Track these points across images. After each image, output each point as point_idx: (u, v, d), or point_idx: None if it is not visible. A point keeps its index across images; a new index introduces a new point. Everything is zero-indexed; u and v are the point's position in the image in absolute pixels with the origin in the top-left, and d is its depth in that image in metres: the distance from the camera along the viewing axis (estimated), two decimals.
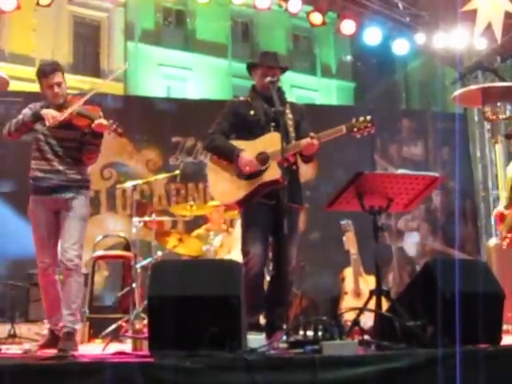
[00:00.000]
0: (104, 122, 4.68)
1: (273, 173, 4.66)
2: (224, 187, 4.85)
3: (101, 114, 4.79)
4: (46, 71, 4.79)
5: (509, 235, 5.99)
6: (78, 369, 3.11)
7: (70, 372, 3.07)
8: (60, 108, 4.76)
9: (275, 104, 4.61)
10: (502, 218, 6.11)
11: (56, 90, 4.77)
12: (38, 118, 4.72)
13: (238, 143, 4.85)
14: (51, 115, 4.64)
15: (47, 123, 4.64)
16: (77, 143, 4.81)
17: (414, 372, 3.33)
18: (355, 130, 4.66)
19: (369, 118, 4.67)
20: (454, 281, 3.74)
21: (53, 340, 4.76)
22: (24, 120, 4.77)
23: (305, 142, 4.68)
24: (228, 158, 4.82)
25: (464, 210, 10.16)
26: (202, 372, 3.09)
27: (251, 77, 5.07)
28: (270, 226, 4.75)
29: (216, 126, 4.95)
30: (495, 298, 4.02)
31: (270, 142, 4.68)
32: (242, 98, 5.09)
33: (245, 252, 4.76)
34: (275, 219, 4.60)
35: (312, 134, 4.69)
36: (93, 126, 4.66)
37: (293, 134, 4.81)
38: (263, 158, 4.72)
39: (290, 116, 4.86)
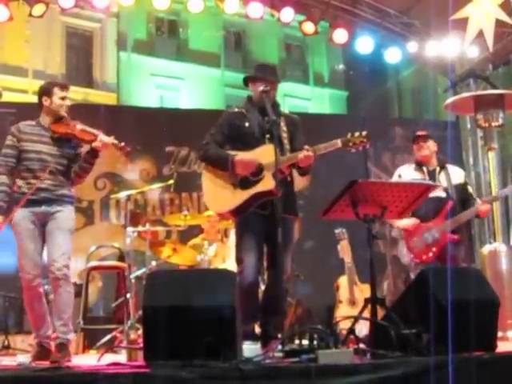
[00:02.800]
0: (107, 139, 4.87)
1: (267, 184, 4.66)
2: (218, 196, 4.84)
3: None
4: (64, 84, 5.04)
5: (433, 249, 5.84)
6: (72, 380, 3.09)
7: (64, 383, 3.06)
8: (58, 121, 4.89)
9: (269, 114, 4.61)
10: (416, 230, 5.94)
11: (67, 102, 4.95)
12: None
13: (232, 153, 4.83)
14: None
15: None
16: (68, 161, 4.92)
17: (409, 380, 3.32)
18: (350, 144, 4.68)
19: (364, 133, 4.70)
20: (448, 288, 3.74)
21: (42, 352, 4.73)
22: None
23: (301, 154, 4.68)
24: (222, 165, 4.80)
25: None
26: (197, 382, 3.07)
27: (247, 88, 5.07)
28: (264, 235, 4.75)
29: (210, 137, 4.94)
30: (490, 305, 4.02)
31: (265, 153, 4.66)
32: (236, 109, 5.06)
33: (239, 261, 4.75)
34: (270, 229, 4.59)
35: (307, 146, 4.70)
36: (96, 143, 4.81)
37: (287, 147, 4.82)
38: (258, 169, 4.73)
39: (284, 128, 4.87)
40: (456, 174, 6.17)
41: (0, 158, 4.89)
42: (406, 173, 6.14)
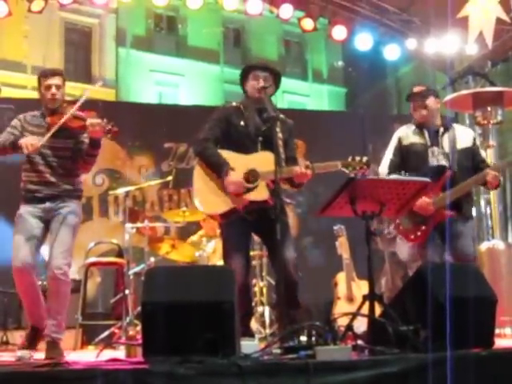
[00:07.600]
0: (96, 121, 4.67)
1: (261, 193, 4.60)
2: (209, 197, 4.73)
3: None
4: (47, 72, 4.87)
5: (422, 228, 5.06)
6: (71, 376, 3.10)
7: (63, 379, 3.06)
8: (53, 113, 4.76)
9: (269, 112, 4.52)
10: None
11: (54, 91, 4.79)
12: (16, 147, 4.65)
13: (230, 156, 4.70)
14: (30, 144, 4.55)
15: (25, 151, 4.56)
16: (70, 152, 4.80)
17: (407, 377, 3.32)
18: (350, 169, 4.62)
19: (365, 159, 4.64)
20: (446, 285, 3.75)
21: (33, 331, 4.71)
22: (4, 145, 4.74)
23: (299, 170, 4.62)
24: (216, 172, 4.68)
25: None
26: (195, 378, 3.07)
27: (244, 88, 4.95)
28: (250, 238, 4.79)
29: (210, 132, 4.81)
30: (487, 301, 4.03)
31: (263, 160, 4.57)
32: (234, 104, 4.94)
33: (226, 264, 4.70)
34: (259, 230, 4.70)
35: (308, 162, 4.65)
36: (87, 128, 4.64)
37: (283, 156, 4.71)
38: (253, 176, 4.64)
39: (279, 135, 4.72)
40: (463, 137, 5.23)
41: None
42: (406, 136, 5.29)
